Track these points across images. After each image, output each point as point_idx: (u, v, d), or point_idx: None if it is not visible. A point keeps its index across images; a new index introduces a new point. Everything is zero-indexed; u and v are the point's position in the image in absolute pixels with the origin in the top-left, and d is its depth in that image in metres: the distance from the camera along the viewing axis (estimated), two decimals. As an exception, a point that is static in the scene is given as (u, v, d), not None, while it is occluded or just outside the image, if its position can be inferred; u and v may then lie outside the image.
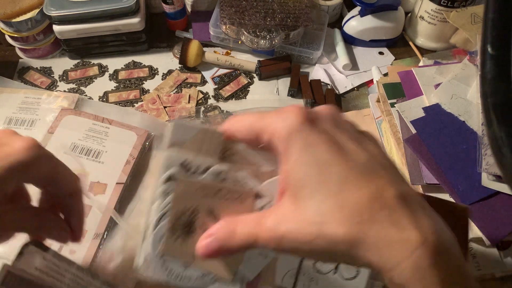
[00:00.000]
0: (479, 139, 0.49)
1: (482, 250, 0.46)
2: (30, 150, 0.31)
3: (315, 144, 0.25)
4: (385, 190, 0.24)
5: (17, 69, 0.71)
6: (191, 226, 0.29)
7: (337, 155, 0.25)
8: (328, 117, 0.27)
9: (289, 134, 0.26)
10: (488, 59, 0.27)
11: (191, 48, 0.69)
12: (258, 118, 0.28)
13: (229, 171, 0.29)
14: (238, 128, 0.28)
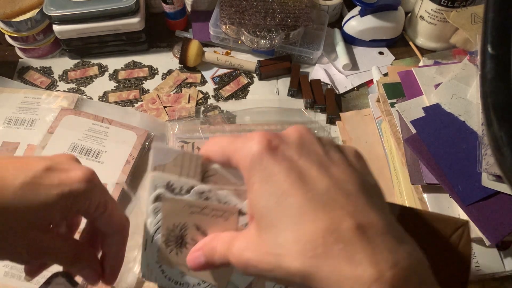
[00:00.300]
0: (479, 139, 0.49)
1: (482, 250, 0.46)
2: (85, 183, 0.30)
3: (274, 173, 0.25)
4: (343, 221, 0.23)
5: (17, 69, 0.71)
6: (183, 240, 0.31)
7: (296, 184, 0.24)
8: (294, 142, 0.27)
9: (251, 163, 0.26)
10: (488, 59, 0.27)
11: (191, 48, 0.69)
12: (228, 143, 0.28)
13: (211, 190, 0.30)
14: (212, 152, 0.29)
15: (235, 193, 0.30)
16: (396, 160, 0.55)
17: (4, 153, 0.58)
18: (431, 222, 0.30)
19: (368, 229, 0.23)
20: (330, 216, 0.23)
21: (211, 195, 0.30)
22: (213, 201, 0.30)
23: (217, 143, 0.29)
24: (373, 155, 0.59)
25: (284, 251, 0.23)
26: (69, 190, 0.29)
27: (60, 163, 0.31)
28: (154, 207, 0.30)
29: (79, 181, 0.30)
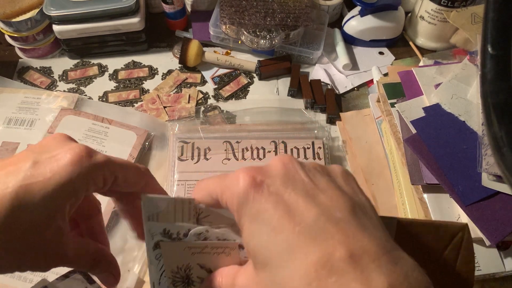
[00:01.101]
0: (479, 139, 0.49)
1: (482, 250, 0.46)
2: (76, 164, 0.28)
3: (262, 211, 0.25)
4: (334, 252, 0.22)
5: (17, 69, 0.71)
6: (189, 279, 0.31)
7: (284, 219, 0.24)
8: (278, 175, 0.26)
9: (238, 204, 0.25)
10: (488, 59, 0.27)
11: (191, 48, 0.69)
12: (215, 186, 0.28)
13: (208, 230, 0.30)
14: (201, 197, 0.29)
15: (231, 229, 0.30)
16: (396, 160, 0.55)
17: (4, 153, 0.58)
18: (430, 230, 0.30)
19: (361, 256, 0.22)
20: (321, 248, 0.23)
21: (209, 235, 0.30)
22: (212, 239, 0.30)
23: (204, 188, 0.29)
24: (373, 155, 0.59)
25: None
26: (62, 180, 0.27)
27: (47, 151, 0.29)
28: (155, 254, 0.31)
29: (70, 164, 0.28)
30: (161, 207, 0.30)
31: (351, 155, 0.60)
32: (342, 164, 0.60)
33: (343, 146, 0.61)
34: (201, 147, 0.57)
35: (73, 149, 0.28)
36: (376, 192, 0.56)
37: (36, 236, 0.27)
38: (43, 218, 0.27)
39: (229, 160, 0.56)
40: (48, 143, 0.29)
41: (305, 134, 0.60)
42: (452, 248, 0.30)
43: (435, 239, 0.30)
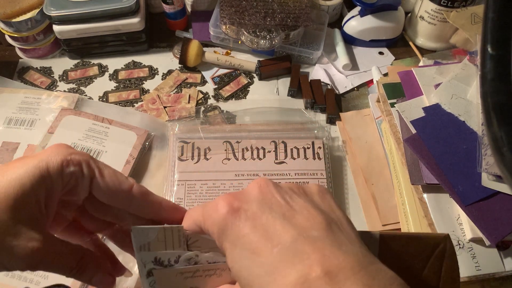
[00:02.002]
0: (479, 139, 0.49)
1: (482, 250, 0.46)
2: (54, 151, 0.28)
3: (241, 235, 0.25)
4: (311, 271, 0.23)
5: (17, 69, 0.71)
6: None
7: (262, 242, 0.25)
8: (254, 199, 0.27)
9: (218, 231, 0.27)
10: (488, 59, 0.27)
11: (191, 48, 0.69)
12: (198, 214, 0.29)
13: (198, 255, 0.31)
14: (188, 225, 0.30)
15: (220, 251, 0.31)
16: (396, 160, 0.55)
17: (4, 153, 0.58)
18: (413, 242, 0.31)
19: (337, 273, 0.23)
20: (298, 268, 0.23)
21: (199, 259, 0.31)
22: (203, 263, 0.31)
23: (190, 216, 0.30)
24: (373, 155, 0.59)
25: None
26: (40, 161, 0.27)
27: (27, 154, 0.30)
28: (149, 281, 0.31)
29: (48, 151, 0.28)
30: (152, 237, 0.31)
31: (351, 155, 0.60)
32: (342, 164, 0.60)
33: (343, 146, 0.61)
34: (201, 147, 0.57)
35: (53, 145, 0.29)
36: (376, 192, 0.56)
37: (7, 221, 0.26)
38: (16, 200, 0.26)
39: (229, 160, 0.56)
40: None
41: (305, 134, 0.60)
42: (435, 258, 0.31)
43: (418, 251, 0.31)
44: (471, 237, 0.46)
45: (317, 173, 0.56)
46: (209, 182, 0.55)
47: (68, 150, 0.29)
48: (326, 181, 0.55)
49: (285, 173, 0.56)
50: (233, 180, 0.55)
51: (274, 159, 0.57)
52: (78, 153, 0.30)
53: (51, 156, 0.28)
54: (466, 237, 0.47)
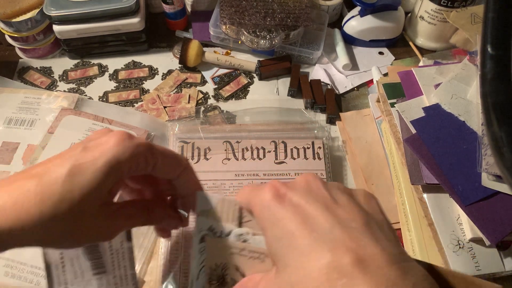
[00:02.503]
0: (479, 139, 0.49)
1: (482, 250, 0.46)
2: (120, 145, 0.31)
3: (282, 218, 0.27)
4: (343, 257, 0.24)
5: (17, 69, 0.71)
6: (224, 279, 0.34)
7: (301, 226, 0.26)
8: (301, 189, 0.29)
9: (261, 211, 0.29)
10: (488, 59, 0.27)
11: (191, 48, 0.69)
12: (248, 193, 0.31)
13: (248, 233, 0.33)
14: (241, 202, 0.32)
15: None
16: (396, 160, 0.55)
17: (4, 153, 0.58)
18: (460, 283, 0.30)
19: (370, 262, 0.24)
20: (332, 253, 0.24)
21: (249, 238, 0.33)
22: (251, 243, 0.33)
23: (242, 192, 0.32)
24: (373, 155, 0.59)
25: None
26: (110, 158, 0.30)
27: (94, 139, 0.32)
28: (200, 247, 0.33)
29: (115, 145, 0.31)
30: (212, 205, 0.33)
31: (351, 155, 0.60)
32: (342, 164, 0.60)
33: (343, 146, 0.61)
34: (201, 147, 0.57)
35: (118, 133, 0.32)
36: (376, 192, 0.56)
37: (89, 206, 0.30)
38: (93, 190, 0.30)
39: (229, 160, 0.56)
40: (94, 135, 0.33)
41: (305, 134, 0.60)
42: None
43: None
44: (471, 237, 0.46)
45: (317, 173, 0.56)
46: (209, 182, 0.55)
47: (133, 143, 0.32)
48: (326, 181, 0.55)
49: (285, 173, 0.56)
50: (233, 180, 0.55)
51: (274, 159, 0.57)
52: (142, 146, 0.32)
53: (120, 153, 0.31)
54: (466, 237, 0.47)
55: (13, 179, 0.30)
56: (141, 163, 0.32)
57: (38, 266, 0.48)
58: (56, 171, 0.29)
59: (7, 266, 0.48)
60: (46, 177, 0.29)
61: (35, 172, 0.29)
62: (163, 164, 0.34)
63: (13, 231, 0.28)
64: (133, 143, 0.32)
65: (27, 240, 0.29)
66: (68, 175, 0.29)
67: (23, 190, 0.28)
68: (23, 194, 0.28)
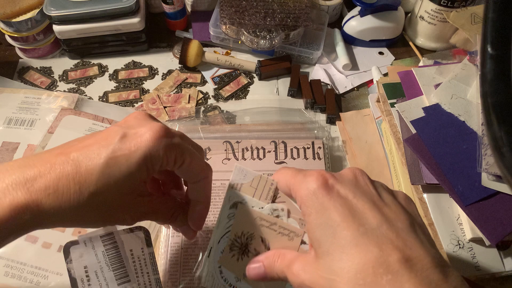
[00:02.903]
0: (479, 139, 0.49)
1: (482, 250, 0.46)
2: (156, 142, 0.31)
3: (329, 208, 0.28)
4: (392, 254, 0.25)
5: (17, 69, 0.71)
6: (246, 248, 0.34)
7: (349, 219, 0.27)
8: (349, 182, 0.30)
9: (308, 198, 0.29)
10: (488, 59, 0.27)
11: (191, 48, 0.69)
12: (291, 176, 0.32)
13: (283, 210, 0.33)
14: (279, 182, 0.33)
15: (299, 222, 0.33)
16: (396, 160, 0.55)
17: (4, 153, 0.58)
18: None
19: (415, 262, 0.25)
20: (380, 249, 0.26)
21: (282, 214, 0.33)
22: (283, 220, 0.33)
23: (283, 174, 0.33)
24: (373, 155, 0.59)
25: (337, 277, 0.26)
26: (144, 153, 0.31)
27: (132, 127, 0.33)
28: (230, 212, 0.34)
29: (151, 140, 0.31)
30: (247, 179, 0.34)
31: (351, 155, 0.60)
32: (342, 164, 0.60)
33: (343, 146, 0.61)
34: (201, 147, 0.57)
35: (154, 127, 0.32)
36: (376, 192, 0.56)
37: (121, 197, 0.31)
38: (126, 183, 0.31)
39: (229, 160, 0.56)
40: (132, 120, 0.34)
41: (305, 134, 0.60)
42: None
43: None
44: (471, 237, 0.46)
45: (317, 173, 0.56)
46: (209, 182, 0.55)
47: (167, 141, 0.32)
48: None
49: (285, 173, 0.56)
50: (233, 180, 0.55)
51: (274, 159, 0.57)
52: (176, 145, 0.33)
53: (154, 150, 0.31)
54: (466, 237, 0.47)
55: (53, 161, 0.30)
56: (171, 161, 0.33)
57: (38, 266, 0.48)
58: (94, 160, 0.30)
59: (7, 266, 0.48)
60: (84, 166, 0.30)
61: (72, 157, 0.30)
62: (189, 166, 0.34)
63: (54, 215, 0.29)
64: (167, 141, 0.32)
65: (63, 222, 0.31)
66: (104, 166, 0.30)
67: (63, 176, 0.29)
68: (63, 183, 0.29)
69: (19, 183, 0.28)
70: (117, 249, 0.36)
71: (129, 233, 0.37)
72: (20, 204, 0.28)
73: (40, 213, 0.28)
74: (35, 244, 0.49)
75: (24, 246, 0.49)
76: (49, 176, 0.29)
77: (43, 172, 0.29)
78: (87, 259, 0.35)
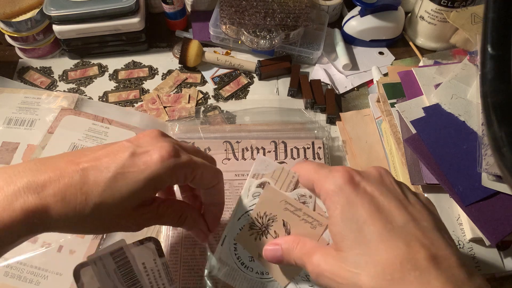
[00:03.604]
0: (479, 139, 0.49)
1: (482, 250, 0.46)
2: (164, 163, 0.32)
3: (355, 203, 0.28)
4: (419, 252, 0.26)
5: (17, 69, 0.71)
6: (266, 229, 0.34)
7: (375, 215, 0.27)
8: (375, 180, 0.30)
9: (334, 192, 0.29)
10: (488, 59, 0.27)
11: (191, 48, 0.69)
12: (314, 171, 0.32)
13: (311, 197, 0.33)
14: (301, 176, 0.33)
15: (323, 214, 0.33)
16: (396, 160, 0.55)
17: (4, 153, 0.58)
18: None
19: (442, 260, 0.26)
20: (408, 246, 0.26)
21: (309, 202, 0.33)
22: (310, 206, 0.33)
23: (304, 168, 0.33)
24: (373, 155, 0.59)
25: (362, 271, 0.26)
26: (152, 173, 0.31)
27: (143, 145, 0.33)
28: (255, 191, 0.34)
29: (159, 162, 0.32)
30: (268, 170, 0.34)
31: (351, 155, 0.60)
32: (342, 164, 0.60)
33: (343, 146, 0.61)
34: (201, 147, 0.57)
35: (164, 147, 0.32)
36: (376, 192, 0.56)
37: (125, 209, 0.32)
38: (131, 199, 0.31)
39: (229, 160, 0.56)
40: (144, 138, 0.34)
41: (305, 134, 0.60)
42: None
43: None
44: (471, 237, 0.46)
45: (317, 173, 0.56)
46: (209, 182, 0.55)
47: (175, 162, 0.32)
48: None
49: (285, 173, 0.56)
50: (233, 180, 0.55)
51: (274, 159, 0.57)
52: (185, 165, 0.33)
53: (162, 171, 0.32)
54: (466, 237, 0.47)
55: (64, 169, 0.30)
56: (180, 179, 0.33)
57: (38, 266, 0.48)
58: (102, 172, 0.30)
59: (7, 266, 0.48)
60: (92, 177, 0.30)
61: (82, 167, 0.30)
62: (200, 180, 0.35)
63: (60, 221, 0.30)
64: (176, 162, 0.32)
65: (69, 228, 0.31)
66: (112, 180, 0.30)
67: (72, 185, 0.30)
68: (70, 191, 0.29)
69: (31, 187, 0.29)
70: (128, 264, 0.35)
71: (139, 246, 0.36)
72: (31, 208, 0.28)
73: (47, 218, 0.29)
74: (35, 244, 0.49)
75: (24, 246, 0.49)
76: (58, 184, 0.29)
77: (53, 178, 0.30)
78: (99, 280, 0.34)
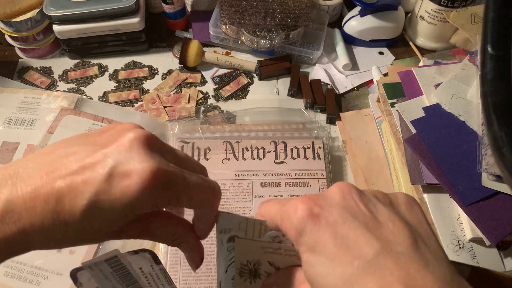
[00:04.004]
0: (479, 139, 0.49)
1: (482, 250, 0.46)
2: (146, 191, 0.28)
3: (319, 242, 0.25)
4: None
5: (17, 69, 0.71)
6: (256, 272, 0.33)
7: (342, 252, 0.24)
8: (337, 205, 0.26)
9: (296, 234, 0.26)
10: (488, 59, 0.27)
11: (191, 48, 0.69)
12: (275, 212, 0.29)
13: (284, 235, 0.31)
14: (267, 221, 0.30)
15: None
16: (396, 160, 0.55)
17: (4, 153, 0.58)
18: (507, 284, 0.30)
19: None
20: (380, 284, 0.23)
21: (285, 239, 0.31)
22: (287, 243, 0.31)
23: (266, 213, 0.30)
24: (373, 155, 0.59)
25: None
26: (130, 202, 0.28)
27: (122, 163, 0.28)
28: (228, 246, 0.32)
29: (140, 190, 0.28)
30: (234, 224, 0.32)
31: (351, 155, 0.60)
32: (342, 164, 0.60)
33: (343, 146, 0.61)
34: (201, 147, 0.57)
35: (146, 169, 0.28)
36: (376, 192, 0.56)
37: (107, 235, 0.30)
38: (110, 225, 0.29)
39: (229, 160, 0.56)
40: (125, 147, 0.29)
41: (305, 134, 0.60)
42: None
43: None
44: (471, 237, 0.46)
45: (317, 173, 0.56)
46: (209, 182, 0.55)
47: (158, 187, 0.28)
48: (326, 181, 0.55)
49: (285, 173, 0.56)
50: (233, 180, 0.55)
51: (274, 159, 0.57)
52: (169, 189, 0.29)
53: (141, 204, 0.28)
54: (466, 237, 0.47)
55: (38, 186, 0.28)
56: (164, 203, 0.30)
57: (38, 266, 0.48)
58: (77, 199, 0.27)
59: (7, 266, 0.48)
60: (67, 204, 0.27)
61: (58, 187, 0.27)
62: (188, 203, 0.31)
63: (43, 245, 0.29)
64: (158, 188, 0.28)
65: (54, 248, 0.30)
66: (87, 208, 0.27)
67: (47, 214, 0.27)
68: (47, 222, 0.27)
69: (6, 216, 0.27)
70: (125, 269, 0.34)
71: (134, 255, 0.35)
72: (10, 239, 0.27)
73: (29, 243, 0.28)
74: (35, 244, 0.49)
75: (24, 246, 0.49)
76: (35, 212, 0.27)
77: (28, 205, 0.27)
78: (97, 280, 0.33)
